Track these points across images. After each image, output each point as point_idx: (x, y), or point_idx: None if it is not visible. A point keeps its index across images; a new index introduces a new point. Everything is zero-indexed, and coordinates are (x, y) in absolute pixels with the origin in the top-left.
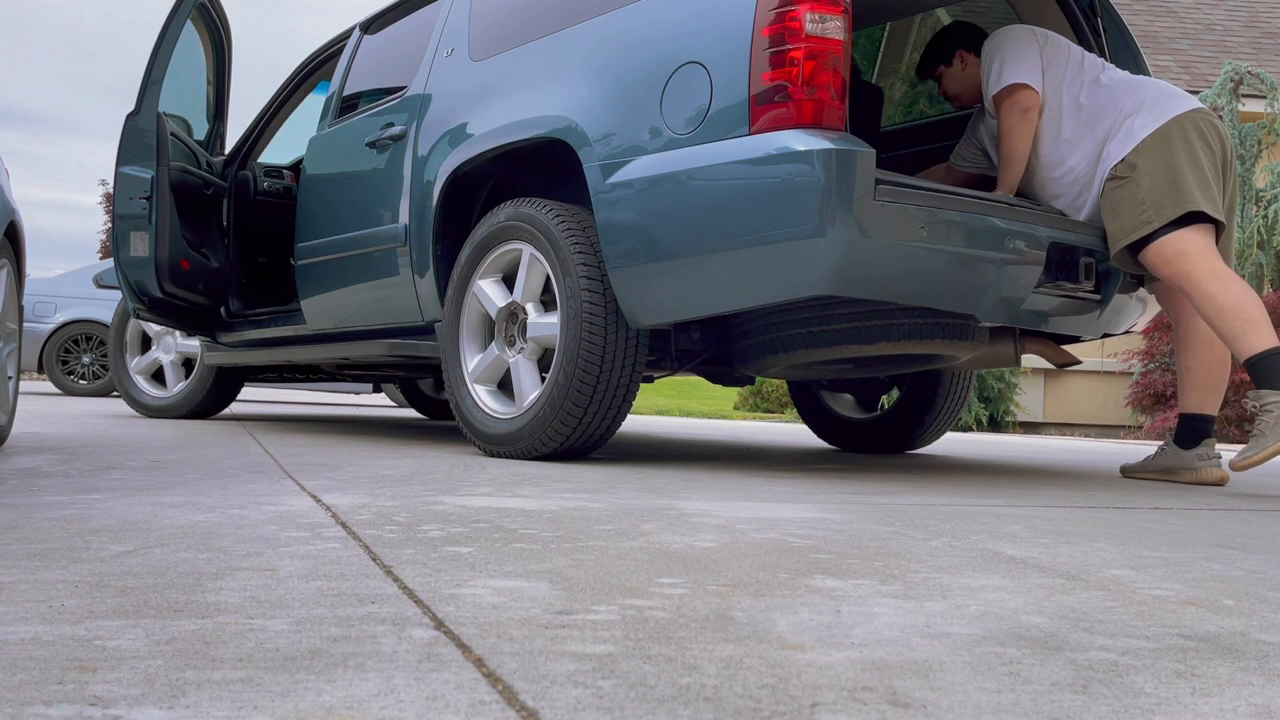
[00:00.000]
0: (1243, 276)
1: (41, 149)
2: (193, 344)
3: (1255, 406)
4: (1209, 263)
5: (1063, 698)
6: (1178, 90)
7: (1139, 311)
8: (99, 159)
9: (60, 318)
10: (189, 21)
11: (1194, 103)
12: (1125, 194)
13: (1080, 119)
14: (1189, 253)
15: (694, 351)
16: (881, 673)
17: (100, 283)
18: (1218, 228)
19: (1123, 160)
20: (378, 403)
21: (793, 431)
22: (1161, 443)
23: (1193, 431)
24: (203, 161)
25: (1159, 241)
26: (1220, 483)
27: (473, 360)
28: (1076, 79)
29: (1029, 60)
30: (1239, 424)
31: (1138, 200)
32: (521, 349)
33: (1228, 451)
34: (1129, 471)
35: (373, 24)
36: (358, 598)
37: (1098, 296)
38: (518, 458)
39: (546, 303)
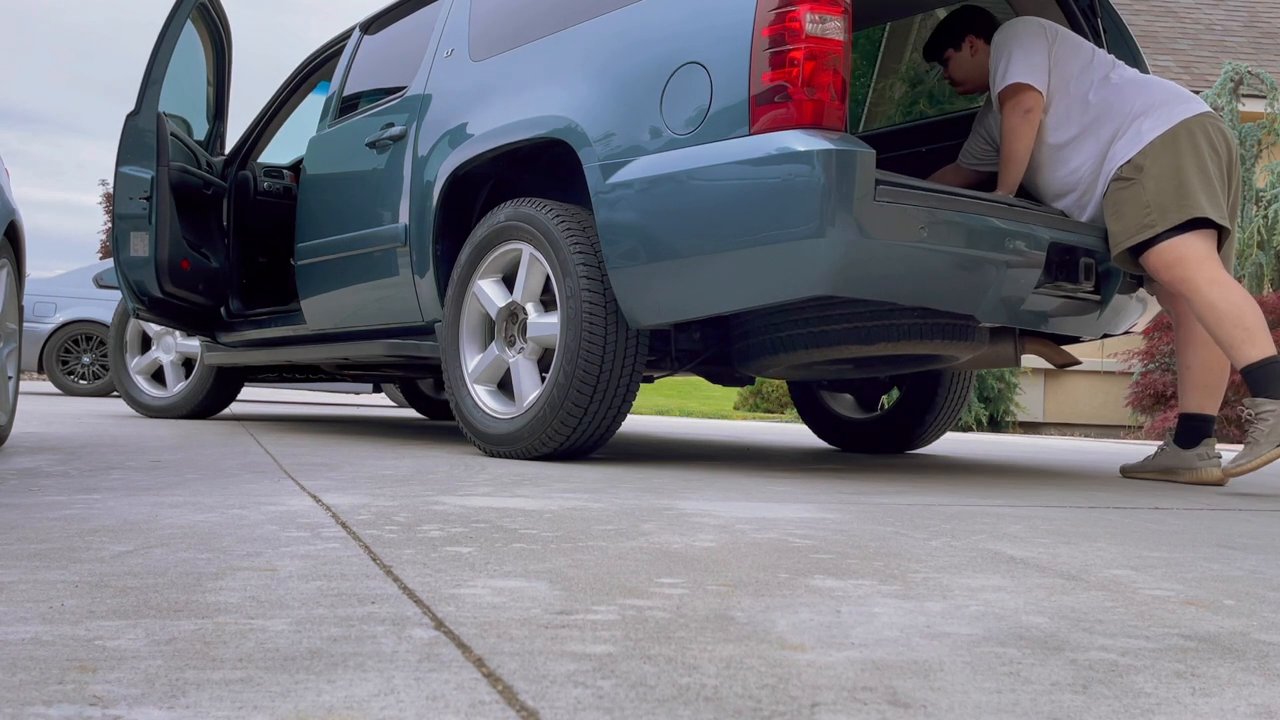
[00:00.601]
0: (1242, 277)
1: (41, 149)
2: (193, 344)
3: (1250, 414)
4: (1210, 269)
5: (1063, 698)
6: (1186, 92)
7: (1139, 312)
8: (99, 159)
9: (60, 318)
10: (189, 21)
11: (1202, 106)
12: (1130, 195)
13: (1087, 117)
14: (1190, 258)
15: (694, 352)
16: (881, 673)
17: (100, 283)
18: (1221, 234)
19: (1129, 161)
20: (378, 403)
21: (793, 431)
22: (1161, 442)
23: (1193, 431)
24: (203, 161)
25: (1161, 245)
26: (1220, 483)
27: (473, 360)
28: (1085, 76)
29: (1036, 58)
30: (1240, 424)
31: (1142, 203)
32: (521, 349)
33: (1228, 451)
34: (1129, 471)
35: (373, 24)
36: (358, 598)
37: (1097, 297)
38: (518, 458)
39: (546, 303)
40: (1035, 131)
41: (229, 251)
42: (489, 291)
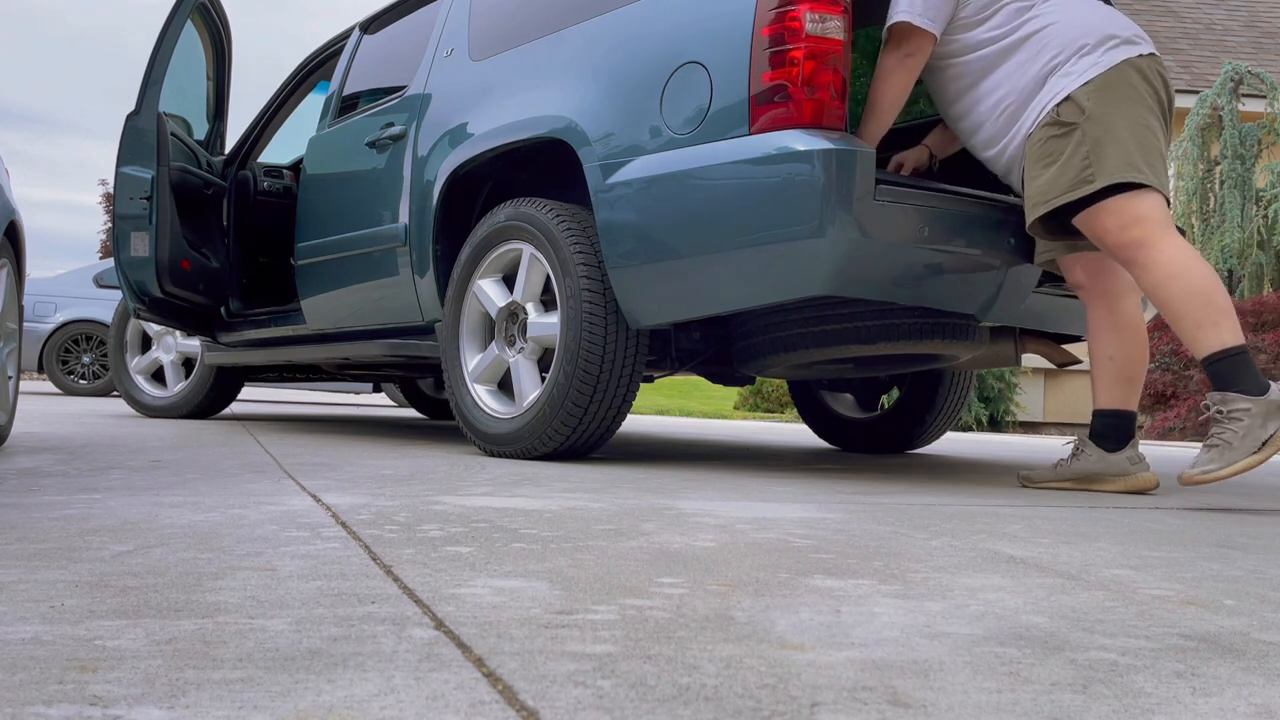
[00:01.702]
0: (1243, 277)
1: (42, 149)
2: (193, 344)
3: (1218, 412)
4: (1173, 234)
5: (1063, 698)
6: (1133, 26)
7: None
8: (99, 159)
9: (60, 318)
10: (189, 21)
11: (1149, 46)
12: (1072, 143)
13: (1022, 35)
14: (1152, 219)
15: (694, 351)
16: (881, 673)
17: (100, 283)
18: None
19: (1069, 99)
20: (378, 403)
21: (793, 431)
22: (1071, 443)
23: (1117, 430)
24: (203, 161)
25: (1114, 201)
26: (1154, 488)
27: (473, 360)
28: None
29: None
30: (1199, 429)
31: (1083, 154)
32: (521, 349)
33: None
34: (1032, 482)
35: (372, 24)
36: (358, 597)
37: None
38: (518, 457)
39: (546, 302)
40: (910, 80)
41: (229, 251)
42: (489, 291)
